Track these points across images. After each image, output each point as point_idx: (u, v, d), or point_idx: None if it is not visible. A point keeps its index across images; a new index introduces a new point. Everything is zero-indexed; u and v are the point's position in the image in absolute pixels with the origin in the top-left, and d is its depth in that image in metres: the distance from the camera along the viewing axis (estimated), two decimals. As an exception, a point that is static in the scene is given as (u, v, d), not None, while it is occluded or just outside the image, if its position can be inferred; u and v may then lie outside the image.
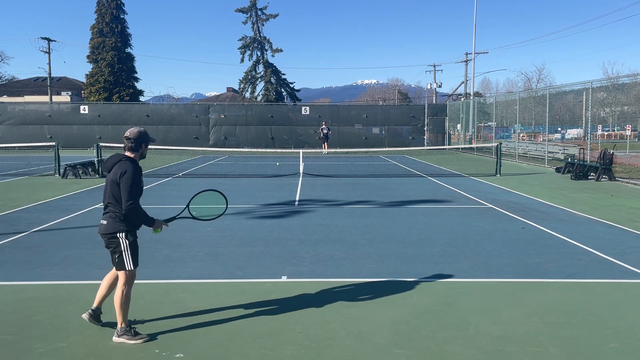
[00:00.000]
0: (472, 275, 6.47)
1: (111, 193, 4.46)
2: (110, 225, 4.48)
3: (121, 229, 4.47)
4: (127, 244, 4.50)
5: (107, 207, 4.53)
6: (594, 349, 4.37)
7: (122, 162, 4.48)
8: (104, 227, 4.51)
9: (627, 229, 9.31)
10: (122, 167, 4.44)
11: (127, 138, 4.58)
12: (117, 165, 4.47)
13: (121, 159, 4.52)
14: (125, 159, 4.52)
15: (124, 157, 4.54)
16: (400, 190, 14.61)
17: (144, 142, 4.65)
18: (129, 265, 4.51)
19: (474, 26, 41.79)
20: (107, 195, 4.51)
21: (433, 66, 60.72)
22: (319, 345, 4.43)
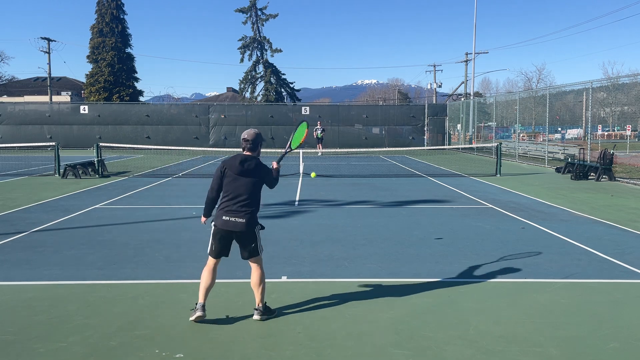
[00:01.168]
0: (472, 275, 6.47)
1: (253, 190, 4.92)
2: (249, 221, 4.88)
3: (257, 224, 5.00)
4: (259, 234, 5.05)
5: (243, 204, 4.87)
6: (594, 349, 4.37)
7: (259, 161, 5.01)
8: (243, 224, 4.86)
9: (627, 229, 9.31)
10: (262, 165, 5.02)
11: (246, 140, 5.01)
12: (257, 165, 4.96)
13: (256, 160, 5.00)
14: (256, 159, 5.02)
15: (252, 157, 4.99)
16: (400, 190, 14.61)
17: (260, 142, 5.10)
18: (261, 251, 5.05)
19: (474, 26, 41.82)
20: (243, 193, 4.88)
21: (433, 66, 60.79)
22: (319, 345, 4.43)
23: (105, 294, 5.74)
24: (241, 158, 4.93)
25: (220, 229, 4.90)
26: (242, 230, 4.86)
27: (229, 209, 4.87)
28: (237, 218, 4.85)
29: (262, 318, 4.91)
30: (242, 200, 4.87)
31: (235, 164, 4.90)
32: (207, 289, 4.95)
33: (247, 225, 4.86)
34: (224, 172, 4.95)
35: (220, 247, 4.95)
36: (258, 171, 4.95)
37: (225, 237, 4.93)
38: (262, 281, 4.98)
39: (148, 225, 9.61)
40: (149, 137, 38.12)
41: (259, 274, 4.98)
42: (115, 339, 4.54)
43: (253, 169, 4.92)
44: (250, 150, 5.02)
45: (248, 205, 4.88)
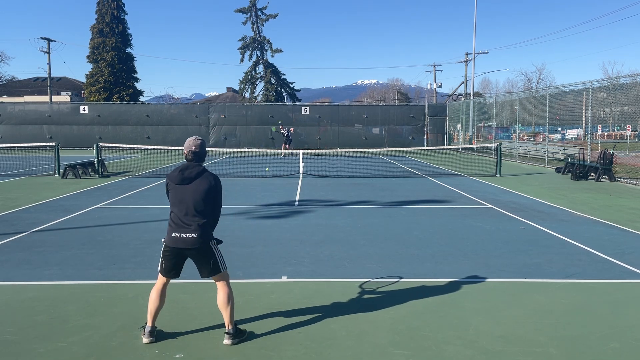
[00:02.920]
0: (472, 275, 6.47)
1: (201, 200, 4.46)
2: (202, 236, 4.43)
3: (212, 238, 4.53)
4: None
5: (192, 217, 4.43)
6: (594, 349, 4.37)
7: (208, 173, 4.55)
8: (195, 239, 4.41)
9: (627, 229, 9.31)
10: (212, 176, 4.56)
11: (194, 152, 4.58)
12: (206, 176, 4.51)
13: (203, 169, 4.56)
14: (205, 169, 4.59)
15: (194, 164, 4.56)
16: (400, 190, 14.61)
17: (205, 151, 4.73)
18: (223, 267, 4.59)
19: (474, 26, 41.81)
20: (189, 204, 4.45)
21: (433, 66, 60.76)
22: (319, 345, 4.43)
23: (105, 294, 5.74)
24: (182, 166, 4.54)
25: (169, 247, 4.45)
26: (194, 247, 4.39)
27: (178, 224, 4.44)
28: (188, 233, 4.40)
29: (233, 342, 4.42)
30: (189, 213, 4.42)
31: (174, 174, 4.52)
32: (155, 311, 4.53)
33: (201, 241, 4.39)
34: (167, 186, 4.61)
35: (171, 266, 4.49)
36: (203, 180, 4.46)
37: (177, 255, 4.47)
38: (229, 300, 4.48)
39: (148, 225, 9.61)
40: (149, 137, 38.12)
41: (225, 292, 4.50)
42: (115, 339, 4.54)
43: (195, 176, 4.46)
44: (194, 160, 4.56)
45: (199, 217, 4.41)
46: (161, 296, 4.59)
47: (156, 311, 4.55)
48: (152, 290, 4.61)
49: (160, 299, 4.59)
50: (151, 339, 4.47)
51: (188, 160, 4.56)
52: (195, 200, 4.42)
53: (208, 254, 4.45)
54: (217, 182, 4.52)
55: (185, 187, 4.46)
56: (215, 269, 4.48)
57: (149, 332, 4.49)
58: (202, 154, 4.57)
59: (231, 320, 4.47)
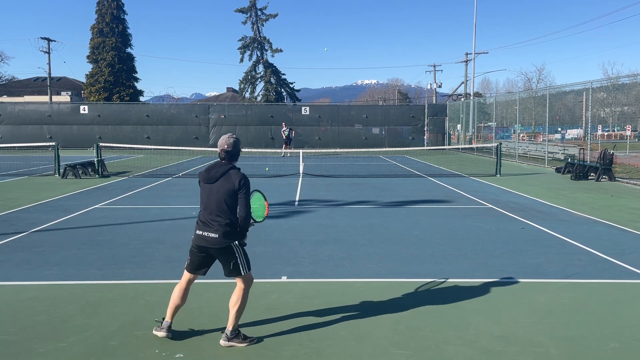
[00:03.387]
0: (472, 275, 6.47)
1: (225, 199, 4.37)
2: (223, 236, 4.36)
3: (235, 239, 4.41)
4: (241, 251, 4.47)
5: (215, 216, 4.39)
6: (594, 349, 4.37)
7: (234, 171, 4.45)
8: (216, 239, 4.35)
9: (627, 229, 9.31)
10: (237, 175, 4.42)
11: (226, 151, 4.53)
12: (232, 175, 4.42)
13: (230, 167, 4.46)
14: (235, 168, 4.49)
15: (232, 165, 4.49)
16: (400, 190, 14.61)
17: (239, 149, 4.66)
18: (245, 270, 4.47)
19: (474, 26, 41.81)
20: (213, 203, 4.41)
21: (433, 66, 60.76)
22: (319, 345, 4.43)
23: (105, 294, 5.74)
24: (211, 165, 4.54)
25: (194, 245, 4.47)
26: (215, 246, 4.36)
27: (203, 222, 4.44)
28: (210, 232, 4.38)
29: (226, 344, 4.34)
30: (212, 212, 4.40)
31: (203, 172, 4.54)
32: (175, 308, 4.54)
33: (221, 241, 4.34)
34: (199, 183, 4.62)
35: (197, 263, 4.50)
36: (227, 180, 4.40)
37: (201, 253, 4.45)
38: (239, 303, 4.41)
39: (148, 225, 9.61)
40: (149, 137, 38.11)
41: (238, 294, 4.43)
42: (115, 339, 4.54)
43: (220, 175, 4.43)
44: (226, 158, 4.54)
45: (221, 217, 4.37)
46: (184, 294, 4.58)
47: (176, 308, 4.56)
48: (176, 286, 4.63)
49: (182, 296, 4.57)
50: (166, 334, 4.48)
51: (220, 159, 4.54)
52: (218, 200, 4.38)
53: (229, 254, 4.40)
54: (242, 183, 4.38)
55: (211, 185, 4.45)
56: (236, 270, 4.42)
57: (166, 327, 4.49)
58: (234, 153, 4.52)
59: (234, 322, 4.40)
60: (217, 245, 4.36)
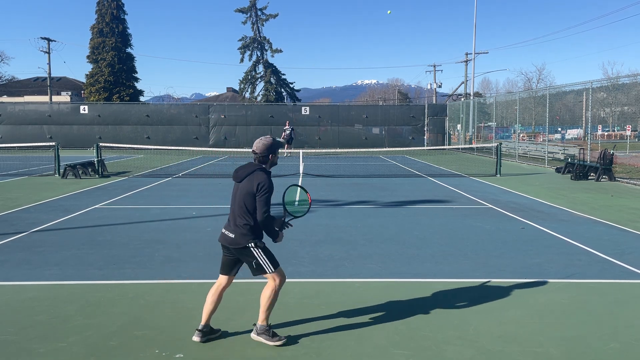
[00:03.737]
0: (472, 275, 6.47)
1: (245, 201, 4.37)
2: (239, 237, 4.37)
3: (250, 240, 4.37)
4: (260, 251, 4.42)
5: (235, 216, 4.42)
6: (594, 349, 4.37)
7: (256, 173, 4.42)
8: (233, 239, 4.39)
9: (627, 229, 9.31)
10: (258, 177, 4.39)
11: (254, 152, 4.52)
12: (253, 176, 4.40)
13: (255, 169, 4.45)
14: (261, 170, 4.45)
15: (259, 167, 4.47)
16: (400, 190, 14.61)
17: (272, 151, 4.56)
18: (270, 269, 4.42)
19: (474, 26, 41.81)
20: (235, 203, 4.45)
21: (433, 66, 60.78)
22: (319, 345, 4.43)
23: (105, 294, 5.74)
24: (244, 164, 4.58)
25: (220, 243, 4.55)
26: (233, 246, 4.41)
27: (227, 220, 4.53)
28: (228, 232, 4.44)
29: (255, 338, 4.43)
30: (234, 211, 4.45)
31: (235, 170, 4.58)
32: (208, 311, 4.54)
33: (237, 242, 4.38)
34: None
35: (227, 264, 4.54)
36: (249, 181, 4.40)
37: (227, 253, 4.51)
38: (269, 299, 4.43)
39: (148, 225, 9.61)
40: (149, 137, 38.12)
41: (269, 292, 4.44)
42: (115, 339, 4.54)
43: (245, 175, 4.44)
44: (256, 160, 4.55)
45: (239, 217, 4.40)
46: (217, 297, 4.56)
47: (209, 311, 4.53)
48: (210, 289, 4.62)
49: (215, 300, 4.55)
50: (199, 339, 4.45)
51: (253, 160, 4.58)
52: (239, 200, 4.41)
53: (248, 255, 4.40)
54: (260, 186, 4.34)
55: (237, 185, 4.49)
56: (260, 269, 4.42)
57: (199, 330, 4.48)
58: (262, 155, 4.49)
59: (264, 316, 4.43)
60: (233, 245, 4.41)
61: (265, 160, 4.52)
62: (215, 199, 12.68)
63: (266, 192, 4.36)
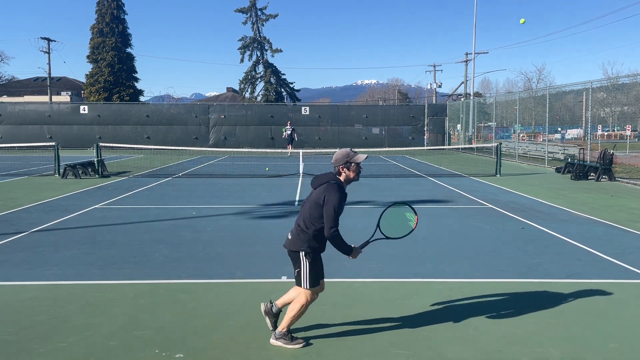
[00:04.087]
0: (472, 275, 6.47)
1: (310, 210, 4.31)
2: (294, 240, 4.37)
3: (303, 247, 4.33)
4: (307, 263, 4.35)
5: (298, 222, 4.42)
6: (594, 349, 4.37)
7: (328, 185, 4.30)
8: (289, 242, 4.43)
9: (627, 229, 9.31)
10: (327, 190, 4.27)
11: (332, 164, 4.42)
12: (324, 187, 4.30)
13: (329, 180, 4.34)
14: (334, 182, 4.33)
15: (333, 179, 4.36)
16: (400, 191, 14.61)
17: (341, 164, 4.36)
18: (305, 285, 4.37)
19: (474, 26, 41.80)
20: (302, 210, 4.42)
21: (433, 66, 60.77)
22: (319, 345, 4.43)
23: (105, 294, 5.74)
24: (320, 175, 4.48)
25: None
26: (287, 248, 4.44)
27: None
28: (290, 233, 4.46)
29: (274, 343, 4.42)
30: (300, 215, 4.42)
31: (314, 181, 4.48)
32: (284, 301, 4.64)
33: (291, 245, 4.38)
34: None
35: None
36: (319, 191, 4.31)
37: (288, 255, 4.49)
38: (296, 311, 4.38)
39: (148, 225, 9.61)
40: (149, 137, 38.12)
41: (298, 305, 4.38)
42: (115, 339, 4.54)
43: (319, 184, 4.35)
44: (337, 173, 4.42)
45: (302, 222, 4.36)
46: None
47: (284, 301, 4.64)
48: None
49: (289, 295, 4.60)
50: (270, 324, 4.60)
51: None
52: (307, 206, 4.36)
53: (296, 261, 4.39)
54: (325, 199, 4.22)
55: (312, 191, 4.45)
56: (298, 280, 4.41)
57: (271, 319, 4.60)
58: (334, 166, 4.40)
59: (286, 325, 4.41)
60: (288, 247, 4.42)
61: (338, 172, 4.40)
62: (215, 199, 12.68)
63: (332, 207, 4.20)
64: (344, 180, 4.39)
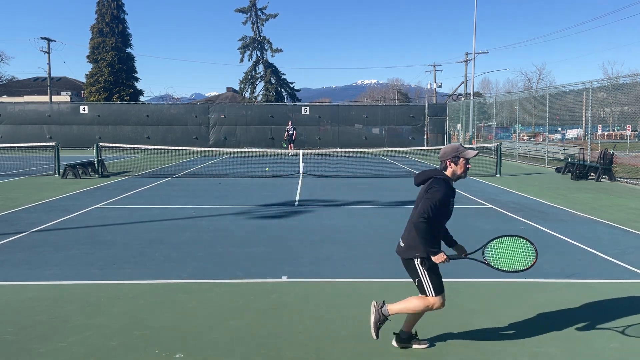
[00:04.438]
0: (472, 275, 6.46)
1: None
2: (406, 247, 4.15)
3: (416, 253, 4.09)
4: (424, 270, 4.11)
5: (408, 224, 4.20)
6: (595, 349, 4.37)
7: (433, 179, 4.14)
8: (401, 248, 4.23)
9: (627, 229, 9.31)
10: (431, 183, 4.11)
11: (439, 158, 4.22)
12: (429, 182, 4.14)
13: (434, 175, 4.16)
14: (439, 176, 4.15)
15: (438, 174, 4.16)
16: (400, 190, 14.61)
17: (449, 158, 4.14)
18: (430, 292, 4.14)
19: (474, 26, 41.81)
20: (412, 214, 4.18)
21: (433, 66, 60.77)
22: (319, 345, 4.43)
23: (105, 294, 5.74)
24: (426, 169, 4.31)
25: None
26: (400, 256, 4.22)
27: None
28: (401, 240, 4.23)
29: (399, 345, 4.32)
30: (410, 218, 4.16)
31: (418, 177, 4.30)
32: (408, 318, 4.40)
33: (404, 252, 4.16)
34: None
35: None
36: (423, 188, 4.15)
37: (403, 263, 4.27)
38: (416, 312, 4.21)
39: (148, 225, 9.61)
40: (149, 137, 38.12)
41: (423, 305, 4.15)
42: (115, 339, 4.54)
43: (422, 181, 4.21)
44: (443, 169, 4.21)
45: (409, 226, 4.15)
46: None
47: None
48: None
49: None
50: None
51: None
52: (415, 206, 4.16)
53: (412, 270, 4.16)
54: (430, 189, 4.05)
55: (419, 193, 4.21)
56: (421, 290, 4.19)
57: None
58: (440, 161, 4.22)
59: (407, 325, 4.30)
60: (400, 254, 4.22)
61: (444, 167, 4.19)
62: (215, 199, 12.68)
63: (431, 199, 3.99)
64: (450, 176, 4.17)
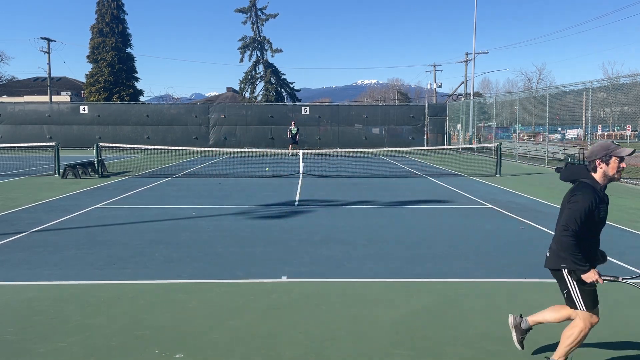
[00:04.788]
0: (472, 275, 6.47)
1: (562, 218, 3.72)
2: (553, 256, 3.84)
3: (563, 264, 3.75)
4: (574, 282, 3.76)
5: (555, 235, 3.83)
6: (595, 349, 4.37)
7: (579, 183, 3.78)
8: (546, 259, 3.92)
9: (627, 229, 9.31)
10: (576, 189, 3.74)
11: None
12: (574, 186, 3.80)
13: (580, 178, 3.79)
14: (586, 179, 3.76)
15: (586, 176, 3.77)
16: (400, 190, 14.61)
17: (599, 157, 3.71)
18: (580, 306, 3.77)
19: (474, 26, 41.80)
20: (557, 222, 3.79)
21: (433, 66, 60.74)
22: (319, 345, 4.43)
23: (105, 294, 5.74)
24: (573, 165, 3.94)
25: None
26: (547, 267, 3.91)
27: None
28: (549, 250, 3.90)
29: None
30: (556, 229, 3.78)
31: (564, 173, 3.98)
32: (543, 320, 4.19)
33: (551, 262, 3.83)
34: None
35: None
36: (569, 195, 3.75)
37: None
38: (571, 339, 3.78)
39: (148, 225, 9.61)
40: (149, 137, 38.13)
41: (573, 331, 3.79)
42: (115, 339, 4.54)
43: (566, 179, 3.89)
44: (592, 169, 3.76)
45: (555, 236, 3.77)
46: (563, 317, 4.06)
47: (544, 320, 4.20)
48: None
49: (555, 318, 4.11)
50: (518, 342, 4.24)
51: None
52: (559, 214, 3.80)
53: (560, 280, 3.84)
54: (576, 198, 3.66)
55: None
56: (570, 302, 3.82)
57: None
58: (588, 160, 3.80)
59: (563, 353, 3.85)
60: (547, 266, 3.91)
61: (593, 167, 3.74)
62: (215, 199, 12.68)
63: (576, 209, 3.62)
64: (600, 178, 3.73)
